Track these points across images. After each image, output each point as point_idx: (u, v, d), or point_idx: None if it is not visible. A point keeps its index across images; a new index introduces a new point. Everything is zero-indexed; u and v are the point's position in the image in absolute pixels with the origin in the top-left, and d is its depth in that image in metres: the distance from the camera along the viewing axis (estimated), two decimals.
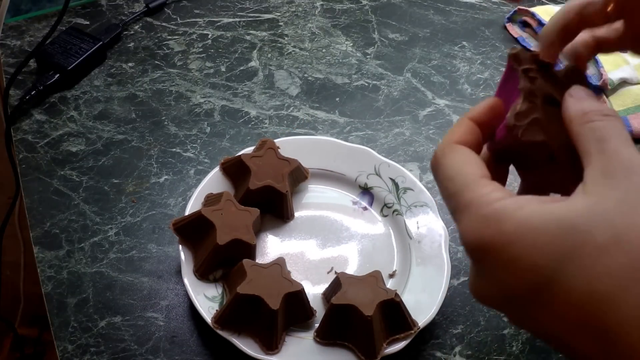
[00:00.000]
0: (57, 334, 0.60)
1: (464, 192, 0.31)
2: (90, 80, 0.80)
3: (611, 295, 0.26)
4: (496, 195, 0.30)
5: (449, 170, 0.33)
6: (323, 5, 0.92)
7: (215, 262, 0.61)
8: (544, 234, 0.28)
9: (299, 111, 0.79)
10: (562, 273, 0.27)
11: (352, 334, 0.58)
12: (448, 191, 0.32)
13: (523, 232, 0.28)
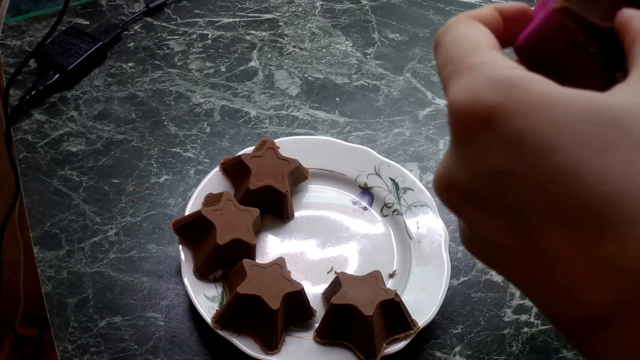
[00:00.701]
0: (57, 334, 0.60)
1: (470, 55, 0.25)
2: (90, 80, 0.80)
3: None
4: (511, 64, 0.24)
5: (457, 35, 0.27)
6: (323, 5, 0.92)
7: (215, 262, 0.61)
8: (576, 114, 0.22)
9: (299, 111, 0.79)
10: (591, 165, 0.22)
11: (352, 334, 0.58)
12: (449, 55, 0.26)
13: (542, 105, 0.22)
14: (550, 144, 0.22)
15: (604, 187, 0.21)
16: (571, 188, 0.22)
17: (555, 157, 0.22)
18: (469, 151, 0.24)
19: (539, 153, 0.22)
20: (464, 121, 0.24)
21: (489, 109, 0.23)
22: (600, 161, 0.22)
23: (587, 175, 0.22)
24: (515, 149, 0.23)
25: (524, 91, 0.23)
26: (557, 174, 0.22)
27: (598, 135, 0.22)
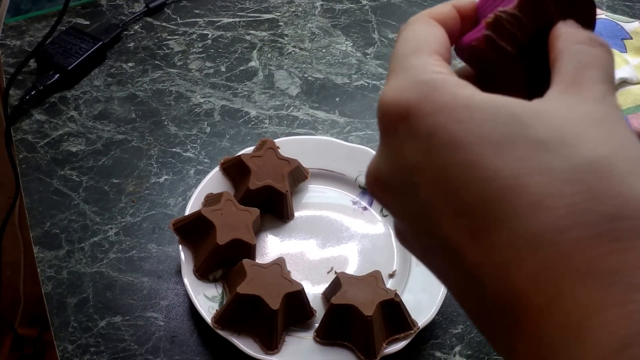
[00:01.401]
0: (57, 334, 0.60)
1: (409, 56, 0.27)
2: (90, 80, 0.80)
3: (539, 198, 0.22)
4: (441, 69, 0.26)
5: (408, 34, 0.29)
6: (323, 5, 0.92)
7: (215, 262, 0.61)
8: (483, 114, 0.24)
9: (299, 111, 0.79)
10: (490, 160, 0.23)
11: (352, 334, 0.58)
12: (396, 52, 0.28)
13: (455, 106, 0.24)
14: (456, 140, 0.24)
15: (499, 180, 0.23)
16: (469, 181, 0.23)
17: (459, 152, 0.24)
18: (390, 145, 0.26)
19: (445, 148, 0.24)
20: (387, 117, 0.26)
21: (407, 107, 0.25)
22: (498, 157, 0.23)
23: (485, 169, 0.23)
24: (426, 144, 0.24)
25: (441, 93, 0.25)
26: (459, 167, 0.24)
27: (500, 133, 0.23)
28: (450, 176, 0.24)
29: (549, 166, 0.22)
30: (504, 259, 0.23)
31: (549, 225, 0.22)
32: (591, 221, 0.21)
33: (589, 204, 0.22)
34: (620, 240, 0.21)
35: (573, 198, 0.22)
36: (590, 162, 0.22)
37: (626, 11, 0.94)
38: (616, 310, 0.20)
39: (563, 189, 0.22)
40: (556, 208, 0.22)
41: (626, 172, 0.22)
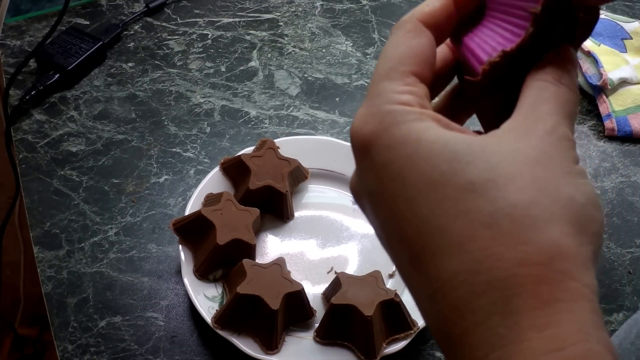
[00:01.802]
0: (57, 334, 0.60)
1: (383, 79, 0.28)
2: (90, 80, 0.80)
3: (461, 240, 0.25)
4: (406, 99, 0.28)
5: (391, 47, 0.29)
6: (323, 5, 0.92)
7: (215, 262, 0.61)
8: (430, 151, 0.26)
9: (299, 111, 0.79)
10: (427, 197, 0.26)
11: (352, 333, 0.58)
12: (376, 69, 0.29)
13: (407, 140, 0.26)
14: (402, 175, 0.26)
15: (432, 219, 0.26)
16: (410, 215, 0.26)
17: (404, 187, 0.26)
18: (359, 169, 0.29)
19: (394, 182, 0.27)
20: (354, 144, 0.28)
21: (369, 138, 0.27)
22: (434, 195, 0.26)
23: (422, 207, 0.26)
24: (380, 175, 0.27)
25: (398, 126, 0.27)
26: (403, 201, 0.26)
27: (439, 171, 0.26)
28: (396, 209, 0.27)
29: (474, 209, 0.25)
30: (433, 289, 0.26)
31: (465, 267, 0.25)
32: (500, 266, 0.24)
33: (500, 249, 0.24)
34: (522, 285, 0.24)
35: (488, 242, 0.25)
36: (510, 207, 0.25)
37: (626, 11, 0.94)
38: (512, 347, 0.24)
39: (482, 232, 0.25)
40: (473, 251, 0.25)
41: (541, 219, 0.25)
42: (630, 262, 0.68)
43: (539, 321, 0.24)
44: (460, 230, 0.25)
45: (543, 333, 0.24)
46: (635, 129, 0.79)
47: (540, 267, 0.24)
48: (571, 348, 0.23)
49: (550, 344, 0.23)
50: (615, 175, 0.76)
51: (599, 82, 0.80)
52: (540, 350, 0.23)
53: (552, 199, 0.25)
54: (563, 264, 0.24)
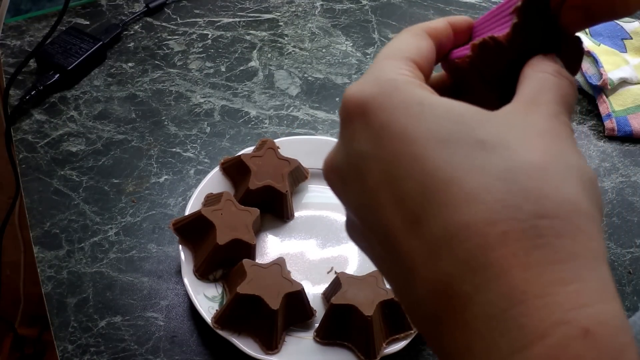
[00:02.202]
0: (57, 334, 0.60)
1: (383, 59, 0.29)
2: (90, 80, 0.80)
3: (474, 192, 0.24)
4: (407, 72, 0.28)
5: (395, 41, 0.30)
6: (323, 5, 0.92)
7: (215, 262, 0.61)
8: (434, 113, 0.25)
9: (299, 111, 0.79)
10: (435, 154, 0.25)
11: (352, 334, 0.58)
12: (379, 53, 0.30)
13: (410, 103, 0.26)
14: (405, 133, 0.25)
15: (439, 173, 0.24)
16: (412, 172, 0.25)
17: (406, 145, 0.25)
18: (346, 135, 0.28)
19: (394, 140, 0.25)
20: (347, 108, 0.27)
21: (365, 99, 0.27)
22: (442, 152, 0.24)
23: (428, 162, 0.24)
24: (378, 135, 0.26)
25: (399, 91, 0.26)
26: (404, 159, 0.25)
27: (446, 130, 0.25)
28: (395, 167, 0.25)
29: (487, 164, 0.24)
30: (436, 246, 0.24)
31: (480, 217, 0.23)
32: (519, 217, 0.23)
33: (518, 201, 0.23)
34: (543, 237, 0.23)
35: (505, 195, 0.23)
36: (526, 165, 0.24)
37: None
38: (535, 302, 0.22)
39: (497, 185, 0.23)
40: (488, 202, 0.23)
41: (557, 178, 0.24)
42: (630, 262, 0.68)
43: (563, 275, 0.22)
44: (474, 182, 0.24)
45: (568, 287, 0.22)
46: (635, 129, 0.79)
47: (562, 221, 0.23)
48: (598, 305, 0.22)
49: (577, 300, 0.22)
50: (615, 175, 0.76)
51: (599, 82, 0.80)
52: (566, 305, 0.22)
53: (566, 164, 0.25)
54: (583, 221, 0.24)
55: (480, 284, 0.23)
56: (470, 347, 0.23)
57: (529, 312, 0.22)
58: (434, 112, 0.25)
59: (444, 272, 0.24)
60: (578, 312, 0.22)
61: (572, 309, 0.22)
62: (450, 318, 0.24)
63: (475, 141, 0.25)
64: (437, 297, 0.24)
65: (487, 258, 0.23)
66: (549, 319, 0.22)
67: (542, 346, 0.21)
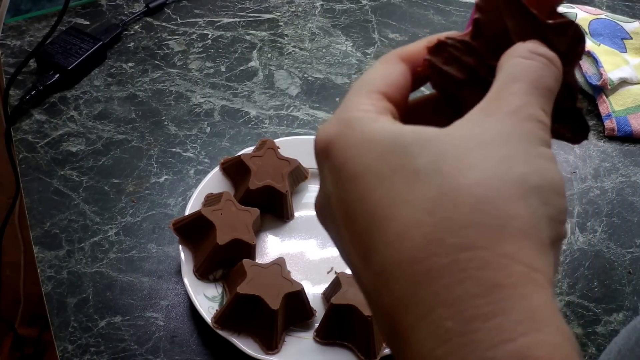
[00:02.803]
0: (57, 334, 0.60)
1: (350, 95, 0.29)
2: (90, 80, 0.80)
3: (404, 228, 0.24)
4: (368, 108, 0.28)
5: (367, 72, 0.30)
6: (323, 5, 0.92)
7: (215, 262, 0.61)
8: (380, 147, 0.26)
9: (299, 111, 0.79)
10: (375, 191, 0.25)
11: (352, 333, 0.58)
12: (350, 88, 0.30)
13: (361, 141, 0.26)
14: (354, 173, 0.26)
15: (378, 211, 0.25)
16: (359, 212, 0.25)
17: (354, 185, 0.26)
18: (320, 176, 0.29)
19: (346, 182, 0.26)
20: (316, 149, 0.28)
21: (328, 141, 0.27)
22: (381, 188, 0.25)
23: (370, 200, 0.25)
24: (337, 177, 0.27)
25: (353, 129, 0.27)
26: (353, 200, 0.26)
27: (387, 165, 0.25)
28: (348, 208, 0.26)
29: (418, 196, 0.24)
30: (379, 283, 0.25)
31: (407, 255, 0.23)
32: (442, 252, 0.23)
33: (442, 235, 0.23)
34: (465, 271, 0.22)
35: (430, 229, 0.23)
36: (454, 191, 0.24)
37: (626, 11, 0.94)
38: (457, 341, 0.22)
39: (423, 219, 0.24)
40: (415, 239, 0.23)
41: (488, 198, 0.23)
42: (630, 262, 0.68)
43: (484, 310, 0.22)
44: (404, 218, 0.24)
45: (489, 323, 0.22)
46: (635, 129, 0.79)
47: (484, 251, 0.23)
48: (522, 339, 0.21)
49: (498, 335, 0.21)
50: (615, 175, 0.76)
51: (599, 82, 0.80)
52: (487, 343, 0.21)
53: (501, 179, 0.24)
54: (509, 247, 0.23)
55: (413, 322, 0.23)
56: None
57: (452, 351, 0.22)
58: (380, 147, 0.26)
59: (387, 308, 0.24)
60: (499, 349, 0.21)
61: (492, 347, 0.21)
62: (398, 354, 0.25)
63: (412, 172, 0.24)
64: (388, 330, 0.25)
65: (417, 297, 0.23)
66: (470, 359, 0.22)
67: None
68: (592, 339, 0.63)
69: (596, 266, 0.68)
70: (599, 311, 0.64)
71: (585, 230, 0.70)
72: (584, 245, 0.69)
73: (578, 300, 0.65)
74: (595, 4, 0.95)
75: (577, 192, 0.74)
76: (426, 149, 0.25)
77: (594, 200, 0.73)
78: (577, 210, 0.72)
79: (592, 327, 0.63)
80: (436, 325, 0.22)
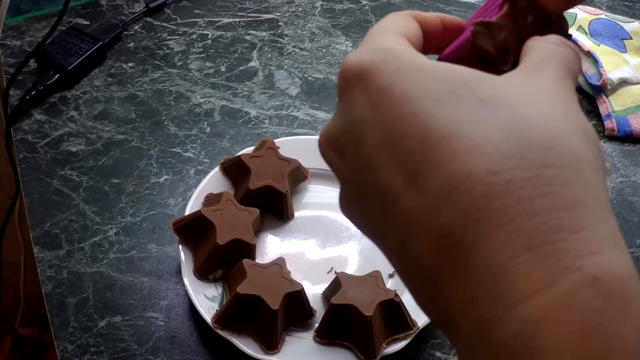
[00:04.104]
0: (57, 334, 0.60)
1: (377, 34, 0.28)
2: (90, 80, 0.80)
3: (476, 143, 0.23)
4: (399, 41, 0.28)
5: (384, 20, 0.30)
6: (323, 5, 0.92)
7: (215, 262, 0.61)
8: (432, 76, 0.25)
9: (299, 111, 0.79)
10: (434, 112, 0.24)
11: (352, 333, 0.58)
12: (368, 33, 0.29)
13: (409, 67, 0.26)
14: (404, 94, 0.25)
15: (439, 129, 0.24)
16: (411, 130, 0.24)
17: (405, 105, 0.25)
18: (343, 103, 0.27)
19: (393, 102, 0.25)
20: (345, 76, 0.27)
21: (364, 66, 0.26)
22: (442, 109, 0.24)
23: (427, 119, 0.24)
24: (376, 99, 0.26)
25: (396, 57, 0.26)
26: (403, 118, 0.25)
27: (446, 90, 0.25)
28: (394, 126, 0.25)
29: (489, 119, 0.24)
30: (437, 199, 0.23)
31: (482, 167, 0.23)
32: (523, 166, 0.22)
33: (522, 151, 0.23)
34: (548, 185, 0.22)
35: (508, 145, 0.23)
36: (528, 120, 0.24)
37: (626, 11, 0.94)
38: (542, 249, 0.21)
39: (499, 137, 0.23)
40: (491, 152, 0.23)
41: (561, 132, 0.23)
42: None
43: (571, 222, 0.22)
44: (475, 134, 0.23)
45: (577, 235, 0.22)
46: (635, 129, 0.79)
47: (567, 170, 0.23)
48: (607, 253, 0.22)
49: (586, 247, 0.21)
50: (615, 175, 0.76)
51: (599, 82, 0.80)
52: (575, 253, 0.21)
53: (569, 121, 0.24)
54: (587, 171, 0.23)
55: (484, 233, 0.22)
56: (473, 299, 0.22)
57: (535, 259, 0.21)
58: (433, 75, 0.25)
59: (445, 224, 0.23)
60: (587, 259, 0.21)
61: (581, 257, 0.21)
62: (452, 271, 0.23)
63: (476, 99, 0.24)
64: (437, 251, 0.23)
65: (491, 207, 0.22)
66: (557, 267, 0.21)
67: (549, 294, 0.21)
68: None
69: None
70: None
71: None
72: None
73: None
74: (595, 4, 0.95)
75: None
76: (489, 84, 0.25)
77: None
78: None
79: None
80: (517, 233, 0.22)
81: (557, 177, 0.22)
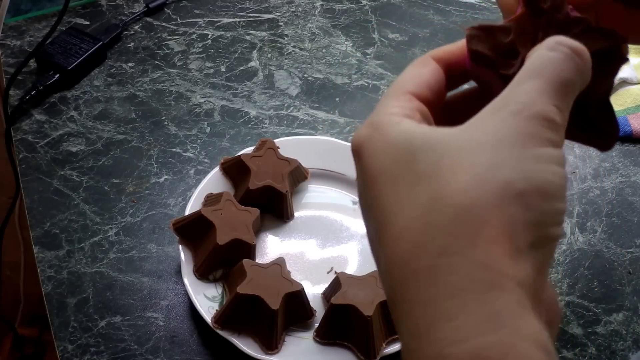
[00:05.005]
0: (57, 334, 0.60)
1: (383, 99, 0.31)
2: (90, 80, 0.80)
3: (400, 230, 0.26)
4: (394, 110, 0.30)
5: (401, 74, 0.32)
6: (323, 5, 0.92)
7: (215, 262, 0.61)
8: (393, 150, 0.28)
9: (299, 111, 0.79)
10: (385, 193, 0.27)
11: (352, 333, 0.58)
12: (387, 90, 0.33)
13: (382, 144, 0.28)
14: (374, 175, 0.28)
15: (385, 211, 0.27)
16: (373, 209, 0.28)
17: (372, 186, 0.28)
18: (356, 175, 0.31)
19: (368, 182, 0.29)
20: (351, 149, 0.31)
21: (358, 143, 0.30)
22: (391, 190, 0.27)
23: (380, 201, 0.27)
24: (362, 176, 0.29)
25: (379, 133, 0.29)
26: (371, 197, 0.28)
27: (397, 168, 0.27)
28: (368, 206, 0.29)
29: (414, 200, 0.26)
30: (382, 278, 0.28)
31: (399, 257, 0.26)
32: (425, 257, 0.25)
33: (427, 239, 0.25)
34: (439, 275, 0.25)
35: (419, 234, 0.26)
36: (448, 196, 0.25)
37: None
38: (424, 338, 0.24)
39: (413, 224, 0.26)
40: (407, 242, 0.26)
41: (474, 205, 0.25)
42: (630, 262, 0.68)
43: (448, 311, 0.24)
44: (400, 221, 0.26)
45: (450, 323, 0.24)
46: (635, 129, 0.79)
47: (457, 257, 0.24)
48: (478, 339, 0.23)
49: (456, 335, 0.23)
50: (615, 175, 0.76)
51: None
52: (444, 341, 0.24)
53: (484, 186, 0.25)
54: (479, 253, 0.24)
55: (399, 316, 0.26)
56: None
57: (420, 347, 0.24)
58: (396, 150, 0.28)
59: (388, 300, 0.27)
60: (455, 347, 0.23)
61: (449, 345, 0.23)
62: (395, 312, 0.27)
63: (414, 175, 0.27)
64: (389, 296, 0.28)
65: (403, 294, 0.26)
66: (430, 355, 0.24)
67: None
68: (592, 339, 0.63)
69: (596, 266, 0.68)
70: (598, 311, 0.64)
71: (585, 230, 0.70)
72: (583, 245, 0.69)
73: (578, 300, 0.65)
74: None
75: (577, 192, 0.74)
76: (430, 152, 0.27)
77: (594, 200, 0.73)
78: (577, 210, 0.72)
79: (592, 327, 0.63)
80: (411, 322, 0.25)
81: (449, 266, 0.25)
